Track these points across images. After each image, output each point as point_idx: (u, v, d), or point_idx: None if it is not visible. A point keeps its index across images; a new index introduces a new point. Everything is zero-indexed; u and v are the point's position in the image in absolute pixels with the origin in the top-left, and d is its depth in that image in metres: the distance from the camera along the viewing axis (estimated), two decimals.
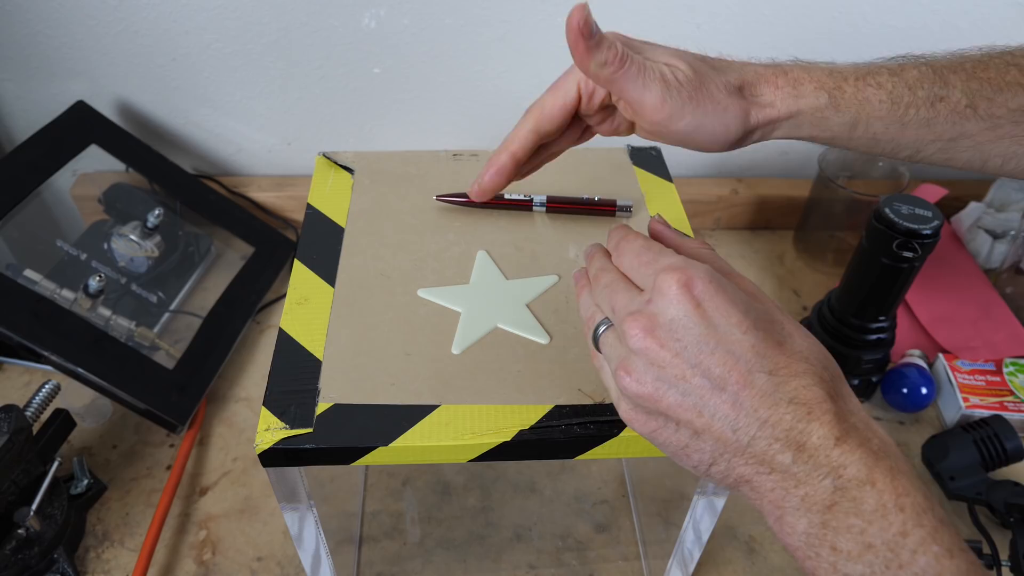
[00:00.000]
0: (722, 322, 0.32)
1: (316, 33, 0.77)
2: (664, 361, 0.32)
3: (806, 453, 0.30)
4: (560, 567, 0.60)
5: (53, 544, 0.56)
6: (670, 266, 0.33)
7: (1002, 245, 0.83)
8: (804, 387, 0.31)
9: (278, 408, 0.40)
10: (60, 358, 0.61)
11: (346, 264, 0.49)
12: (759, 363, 0.31)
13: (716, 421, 0.31)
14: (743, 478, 0.32)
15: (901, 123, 0.40)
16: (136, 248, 0.76)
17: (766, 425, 0.31)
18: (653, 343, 0.32)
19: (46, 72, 0.80)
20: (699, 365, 0.31)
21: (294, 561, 0.59)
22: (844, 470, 0.30)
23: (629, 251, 0.36)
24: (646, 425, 0.33)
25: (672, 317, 0.32)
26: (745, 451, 0.31)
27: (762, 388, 0.31)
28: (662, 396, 0.32)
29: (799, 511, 0.30)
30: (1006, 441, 0.63)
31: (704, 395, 0.31)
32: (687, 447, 0.32)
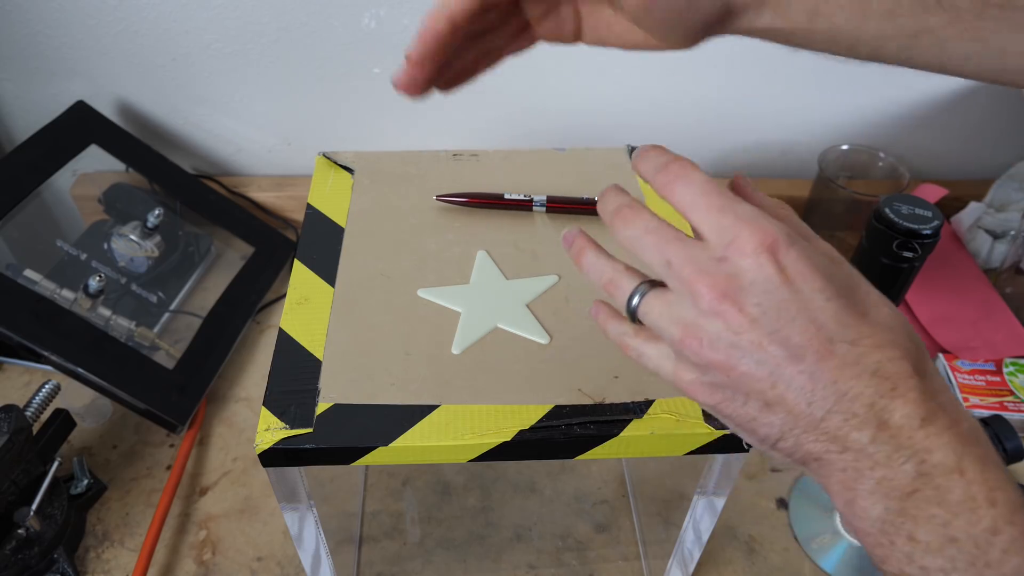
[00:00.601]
0: (805, 288, 0.29)
1: (316, 33, 0.77)
2: (741, 327, 0.29)
3: (887, 432, 0.28)
4: (560, 567, 0.60)
5: (53, 544, 0.56)
6: (751, 221, 0.29)
7: (1002, 245, 0.83)
8: (889, 360, 0.29)
9: (278, 408, 0.40)
10: (60, 358, 0.61)
11: (346, 264, 0.49)
12: (841, 332, 0.29)
13: (790, 392, 0.29)
14: (812, 455, 0.29)
15: (863, 14, 0.38)
16: (136, 248, 0.76)
17: (844, 398, 0.28)
18: (731, 307, 0.29)
19: (46, 72, 0.80)
20: (777, 332, 0.28)
21: (294, 561, 0.59)
22: (929, 455, 0.27)
23: (691, 183, 0.31)
24: (711, 397, 0.31)
25: (753, 279, 0.29)
26: (819, 426, 0.29)
27: (843, 358, 0.28)
28: (735, 364, 0.29)
29: (874, 495, 0.28)
30: (1006, 441, 0.63)
31: (780, 364, 0.29)
32: (755, 420, 0.30)
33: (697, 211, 0.31)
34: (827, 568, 0.60)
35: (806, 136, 0.88)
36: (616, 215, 0.33)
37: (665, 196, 0.32)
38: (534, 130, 0.85)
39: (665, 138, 0.67)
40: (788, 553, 0.61)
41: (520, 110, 0.83)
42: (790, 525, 0.62)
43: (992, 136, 0.91)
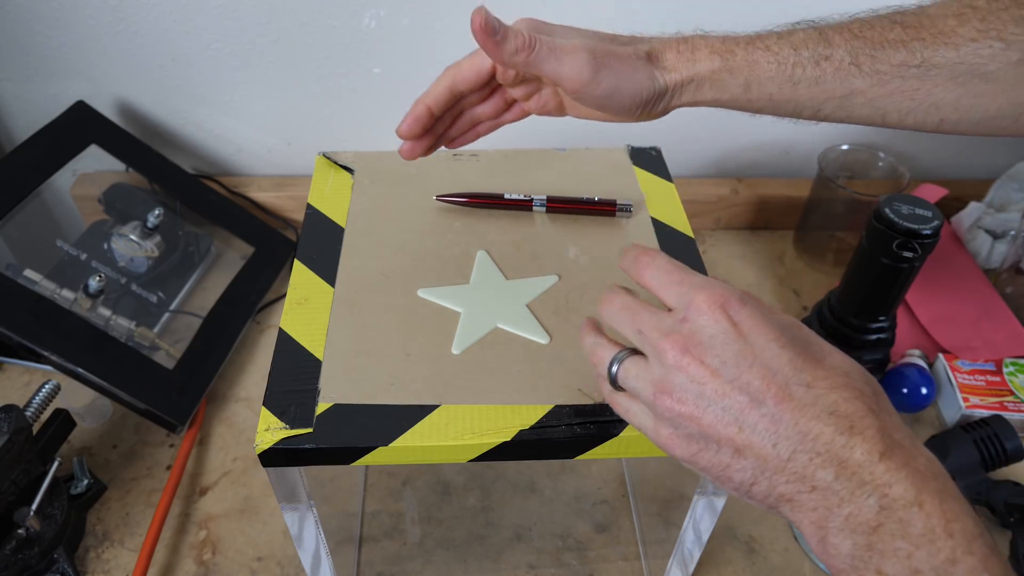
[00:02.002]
0: (759, 339, 0.32)
1: (316, 33, 0.77)
2: (704, 378, 0.31)
3: (848, 469, 0.30)
4: (560, 567, 0.60)
5: (53, 544, 0.56)
6: (704, 286, 0.33)
7: (1002, 245, 0.83)
8: (844, 400, 0.31)
9: (278, 408, 0.40)
10: (60, 358, 0.61)
11: (346, 264, 0.49)
12: (796, 376, 0.31)
13: (756, 436, 0.31)
14: (784, 497, 0.31)
15: (792, 82, 0.42)
16: (136, 248, 0.76)
17: (806, 438, 0.30)
18: (692, 360, 0.32)
19: (46, 72, 0.80)
20: (737, 380, 0.31)
21: (294, 561, 0.59)
22: (889, 488, 0.29)
23: (656, 267, 0.35)
24: (687, 449, 0.33)
25: (711, 334, 0.32)
26: (786, 468, 0.31)
27: (800, 400, 0.31)
28: (703, 413, 0.32)
29: (843, 531, 0.30)
30: (1006, 441, 0.63)
31: (744, 410, 0.31)
32: (728, 467, 0.32)
33: (661, 287, 0.35)
34: (827, 569, 0.59)
35: (806, 136, 0.88)
36: (602, 301, 0.37)
37: (640, 283, 0.36)
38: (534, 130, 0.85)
39: (665, 138, 0.67)
40: (788, 553, 0.61)
41: None
42: (790, 525, 0.63)
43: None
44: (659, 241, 0.52)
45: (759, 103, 0.44)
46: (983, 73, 0.41)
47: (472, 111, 0.48)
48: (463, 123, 0.48)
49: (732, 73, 0.43)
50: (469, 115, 0.48)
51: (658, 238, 0.53)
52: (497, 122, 0.49)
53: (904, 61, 0.41)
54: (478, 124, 0.49)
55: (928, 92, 0.42)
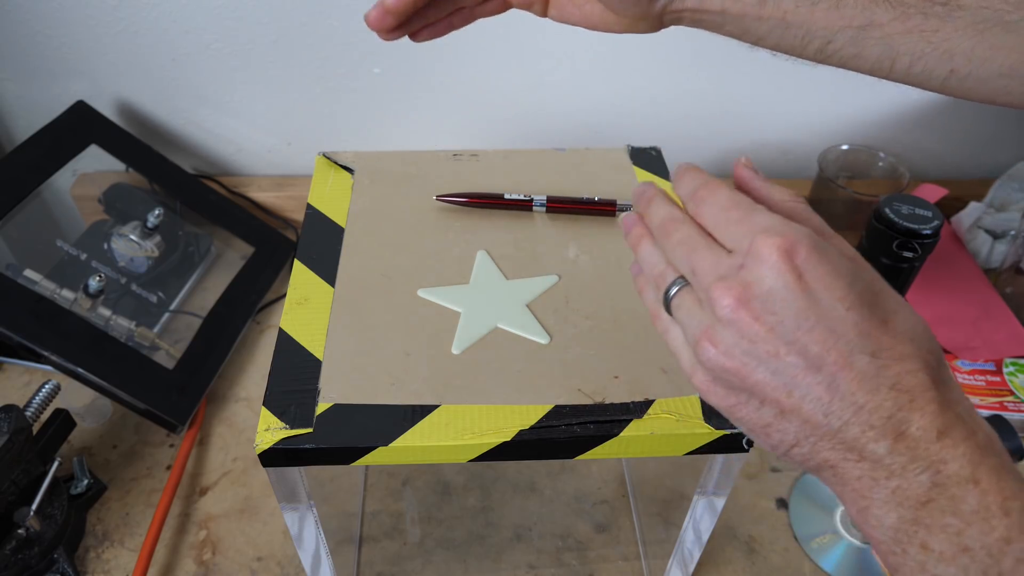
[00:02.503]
0: (825, 296, 0.29)
1: (316, 33, 0.77)
2: (757, 335, 0.29)
3: (904, 443, 0.28)
4: (560, 567, 0.60)
5: (53, 544, 0.56)
6: (769, 228, 0.29)
7: (1002, 245, 0.83)
8: (908, 372, 0.29)
9: (278, 408, 0.40)
10: (60, 358, 0.61)
11: (346, 264, 0.49)
12: (861, 343, 0.29)
13: (807, 403, 0.29)
14: (827, 462, 0.29)
15: (811, 2, 0.39)
16: (136, 248, 0.76)
17: (863, 411, 0.28)
18: (746, 315, 0.29)
19: (46, 72, 0.80)
20: (795, 342, 0.28)
21: (294, 561, 0.59)
22: (945, 465, 0.27)
23: (714, 203, 0.32)
24: (725, 399, 0.31)
25: (770, 287, 0.29)
26: (835, 436, 0.29)
27: (862, 371, 0.28)
28: (750, 372, 0.29)
29: (888, 504, 0.28)
30: (1006, 441, 0.62)
31: (797, 375, 0.29)
32: (769, 426, 0.30)
33: (719, 227, 0.31)
34: (827, 568, 0.60)
35: (806, 136, 0.88)
36: (659, 228, 0.34)
37: (696, 217, 0.33)
38: (534, 130, 0.85)
39: (665, 138, 0.67)
40: (788, 553, 0.61)
41: (520, 110, 0.83)
42: (790, 525, 0.63)
43: (992, 136, 0.91)
44: None
45: (769, 22, 0.40)
46: (1005, 22, 0.38)
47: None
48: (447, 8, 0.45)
49: None
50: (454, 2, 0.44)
51: None
52: (475, 12, 0.46)
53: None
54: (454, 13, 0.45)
55: (946, 36, 0.39)
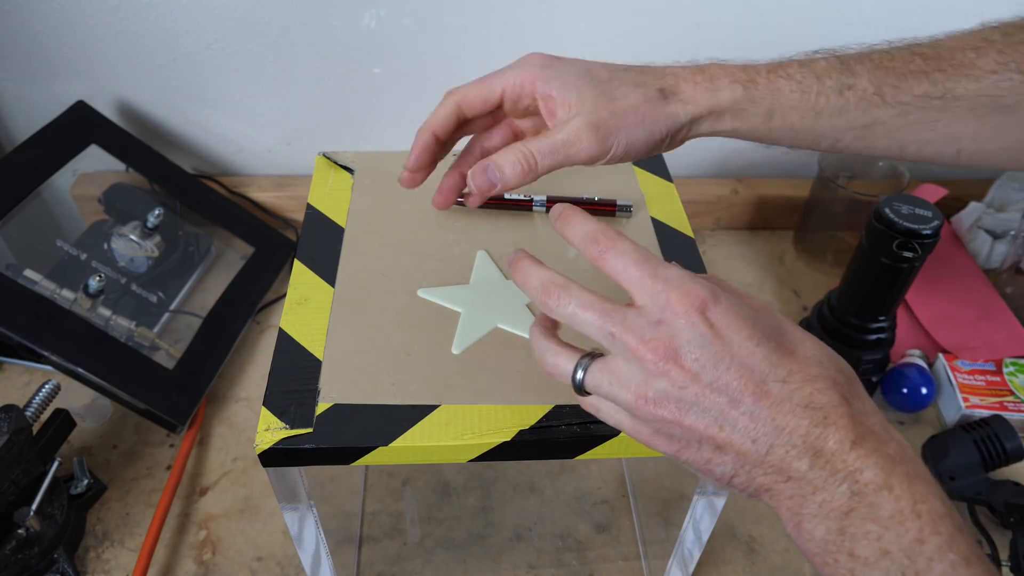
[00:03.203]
0: (735, 338, 0.32)
1: (316, 33, 0.77)
2: (684, 382, 0.32)
3: (823, 459, 0.31)
4: (560, 567, 0.60)
5: (53, 544, 0.56)
6: (680, 285, 0.32)
7: (1002, 245, 0.83)
8: (818, 391, 0.32)
9: (278, 408, 0.40)
10: (60, 358, 0.61)
11: (346, 264, 0.49)
12: (772, 372, 0.32)
13: (736, 434, 0.32)
14: (763, 487, 0.32)
15: (814, 111, 0.42)
16: (136, 248, 0.76)
17: (783, 432, 0.31)
18: (673, 365, 0.32)
19: (46, 72, 0.80)
20: (717, 381, 0.32)
21: (294, 561, 0.59)
22: (860, 475, 0.30)
23: (620, 255, 0.34)
24: (669, 446, 0.34)
25: (689, 338, 0.32)
26: (764, 461, 0.31)
27: (777, 396, 0.31)
28: (684, 416, 0.32)
29: (817, 517, 0.31)
30: (1006, 441, 0.63)
31: (724, 410, 0.32)
32: (710, 461, 0.33)
33: (630, 281, 0.34)
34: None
35: None
36: (545, 293, 0.35)
37: (598, 265, 0.35)
38: None
39: None
40: (788, 553, 0.61)
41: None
42: None
43: None
44: (659, 241, 0.52)
45: (779, 133, 0.43)
46: (1003, 105, 0.41)
47: (482, 144, 0.46)
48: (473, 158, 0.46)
49: (754, 102, 0.41)
50: (479, 148, 0.46)
51: (658, 238, 0.52)
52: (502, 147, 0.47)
53: (927, 92, 0.41)
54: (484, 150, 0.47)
55: (948, 123, 0.42)
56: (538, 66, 0.41)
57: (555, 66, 0.41)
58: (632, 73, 0.42)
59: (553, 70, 0.41)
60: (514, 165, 0.39)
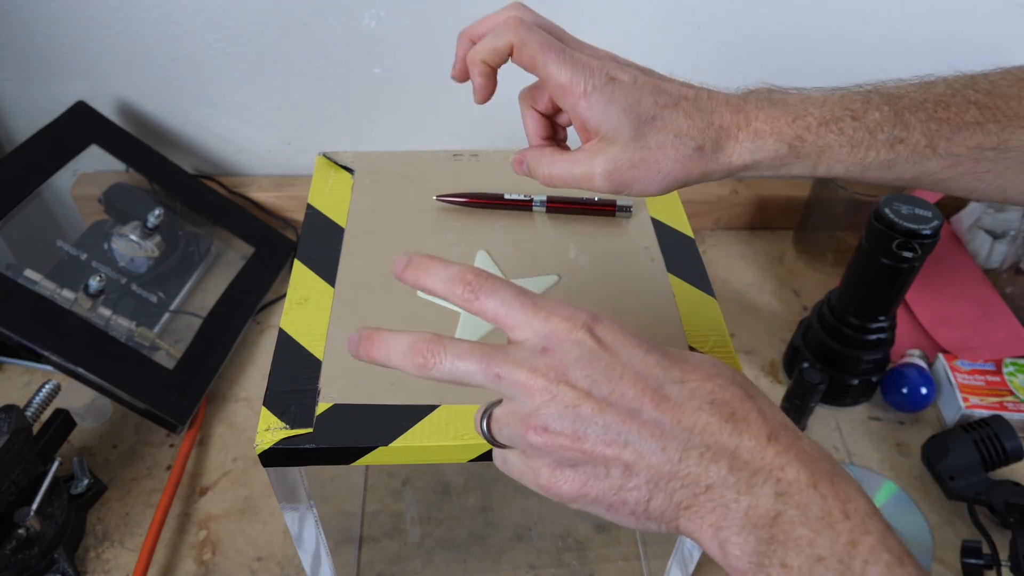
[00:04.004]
0: (623, 349, 0.31)
1: (316, 33, 0.77)
2: (576, 400, 0.30)
3: (740, 459, 0.29)
4: (560, 567, 0.60)
5: (53, 544, 0.57)
6: (559, 311, 0.32)
7: (1002, 245, 0.83)
8: (719, 387, 0.31)
9: (278, 408, 0.40)
10: (60, 358, 0.61)
11: (346, 264, 0.49)
12: (666, 375, 0.31)
13: (643, 447, 0.30)
14: (682, 505, 0.30)
15: (862, 165, 0.40)
16: (136, 248, 0.76)
17: (692, 433, 0.30)
18: (564, 387, 0.30)
19: (46, 72, 0.80)
20: (611, 394, 0.30)
21: (294, 561, 0.59)
22: (782, 472, 0.29)
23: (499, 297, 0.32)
24: (574, 482, 0.31)
25: (577, 356, 0.31)
26: (678, 471, 0.30)
27: (677, 397, 0.30)
28: (583, 436, 0.30)
29: (744, 528, 0.29)
30: (1006, 441, 0.63)
31: (624, 423, 0.30)
32: (622, 488, 0.30)
33: (511, 317, 0.32)
34: None
35: None
36: (415, 354, 0.32)
37: (469, 308, 0.33)
38: None
39: None
40: None
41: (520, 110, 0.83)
42: None
43: None
44: (659, 241, 0.52)
45: (820, 177, 0.43)
46: None
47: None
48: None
49: (799, 158, 0.40)
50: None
51: (658, 238, 0.53)
52: None
53: (980, 144, 0.40)
54: None
55: (998, 175, 0.41)
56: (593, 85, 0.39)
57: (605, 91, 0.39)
58: (679, 114, 0.39)
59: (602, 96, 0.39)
60: (537, 173, 0.43)
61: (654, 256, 0.51)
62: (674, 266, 0.50)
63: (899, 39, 0.80)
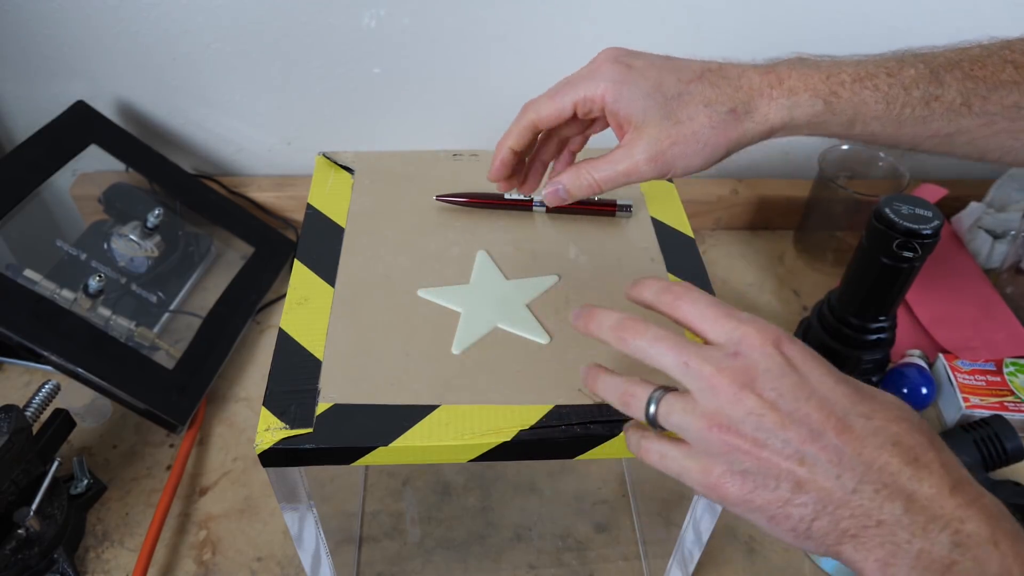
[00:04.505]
0: (813, 373, 0.32)
1: (316, 33, 0.77)
2: (762, 410, 0.31)
3: (918, 503, 0.29)
4: (560, 567, 0.60)
5: (53, 544, 0.56)
6: (754, 322, 0.33)
7: (1002, 245, 0.83)
8: (905, 432, 0.30)
9: (278, 408, 0.40)
10: (60, 358, 0.61)
11: (346, 264, 0.49)
12: (854, 408, 0.31)
13: (818, 469, 0.30)
14: (848, 533, 0.30)
15: (897, 122, 0.40)
16: (136, 248, 0.76)
17: (871, 469, 0.29)
18: (750, 393, 0.31)
19: (46, 72, 0.80)
20: (796, 411, 0.31)
21: (294, 561, 0.59)
22: (962, 524, 0.28)
23: (695, 301, 0.35)
24: (742, 488, 0.31)
25: (766, 368, 0.31)
26: (850, 501, 0.29)
27: (861, 431, 0.30)
28: (762, 445, 0.31)
29: (914, 571, 0.28)
30: (1006, 441, 0.63)
31: (804, 442, 0.30)
32: (788, 503, 0.30)
33: (705, 321, 0.34)
34: (827, 568, 0.60)
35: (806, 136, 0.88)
36: (620, 328, 0.35)
37: (671, 313, 0.35)
38: None
39: None
40: (788, 553, 0.61)
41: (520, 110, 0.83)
42: None
43: None
44: (659, 241, 0.52)
45: (857, 138, 0.42)
46: None
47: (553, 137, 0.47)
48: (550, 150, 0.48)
49: (835, 114, 0.40)
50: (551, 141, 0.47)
51: (658, 238, 0.52)
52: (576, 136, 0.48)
53: (1016, 102, 0.40)
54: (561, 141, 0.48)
55: None
56: (609, 80, 0.40)
57: (626, 80, 0.40)
58: (705, 85, 0.40)
59: (623, 85, 0.40)
60: (580, 188, 0.42)
61: (654, 256, 0.51)
62: (674, 266, 0.50)
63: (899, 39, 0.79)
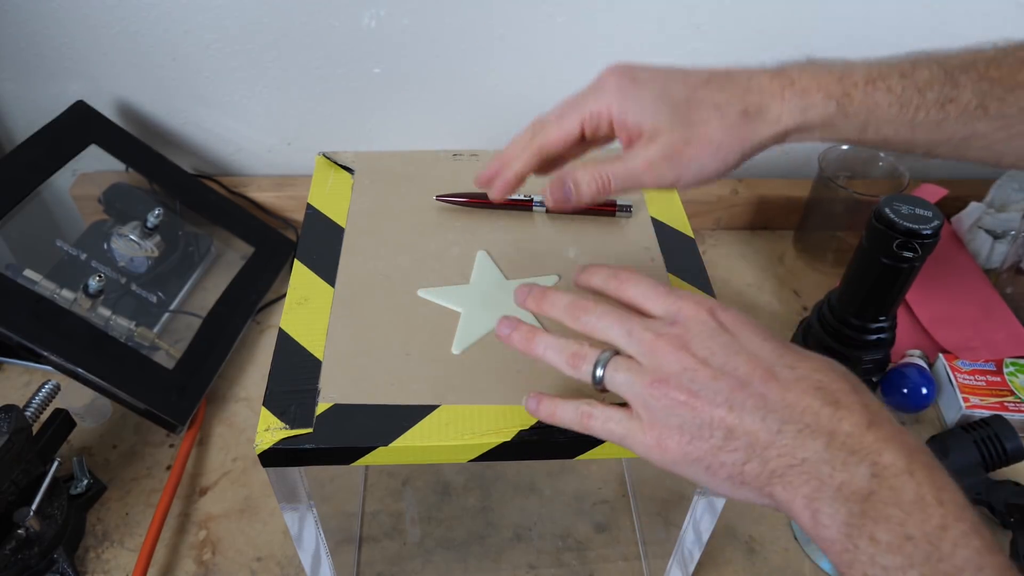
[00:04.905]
0: (743, 333, 0.35)
1: (316, 33, 0.77)
2: (695, 365, 0.34)
3: (838, 439, 0.31)
4: (560, 567, 0.60)
5: (53, 544, 0.56)
6: (691, 296, 0.37)
7: (1002, 245, 0.83)
8: (829, 379, 0.33)
9: (278, 408, 0.40)
10: (60, 358, 0.61)
11: (346, 264, 0.49)
12: (780, 361, 0.34)
13: (746, 412, 0.32)
14: (776, 473, 0.32)
15: (911, 125, 0.40)
16: (136, 248, 0.76)
17: (794, 411, 0.32)
18: (685, 354, 0.34)
19: (46, 72, 0.80)
20: (726, 365, 0.34)
21: (294, 561, 0.59)
22: (880, 456, 0.30)
23: (638, 284, 0.38)
24: (679, 441, 0.34)
25: (700, 331, 0.35)
26: (775, 441, 0.32)
27: (785, 379, 0.33)
28: (696, 397, 0.33)
29: (836, 501, 0.30)
30: (1006, 441, 0.63)
31: (733, 390, 0.33)
32: (721, 449, 0.33)
33: (648, 299, 0.38)
34: (827, 568, 0.60)
35: None
36: (572, 307, 0.38)
37: (618, 295, 0.39)
38: None
39: None
40: (788, 553, 0.61)
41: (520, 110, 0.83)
42: (790, 525, 0.62)
43: None
44: (659, 241, 0.52)
45: (870, 143, 0.42)
46: None
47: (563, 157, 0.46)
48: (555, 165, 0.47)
49: (847, 117, 0.39)
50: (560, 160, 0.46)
51: (658, 238, 0.52)
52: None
53: None
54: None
55: None
56: (615, 92, 0.40)
57: (631, 90, 0.40)
58: (713, 89, 0.40)
59: (629, 95, 0.40)
60: (590, 184, 0.41)
61: (654, 256, 0.51)
62: (674, 266, 0.50)
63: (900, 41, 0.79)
